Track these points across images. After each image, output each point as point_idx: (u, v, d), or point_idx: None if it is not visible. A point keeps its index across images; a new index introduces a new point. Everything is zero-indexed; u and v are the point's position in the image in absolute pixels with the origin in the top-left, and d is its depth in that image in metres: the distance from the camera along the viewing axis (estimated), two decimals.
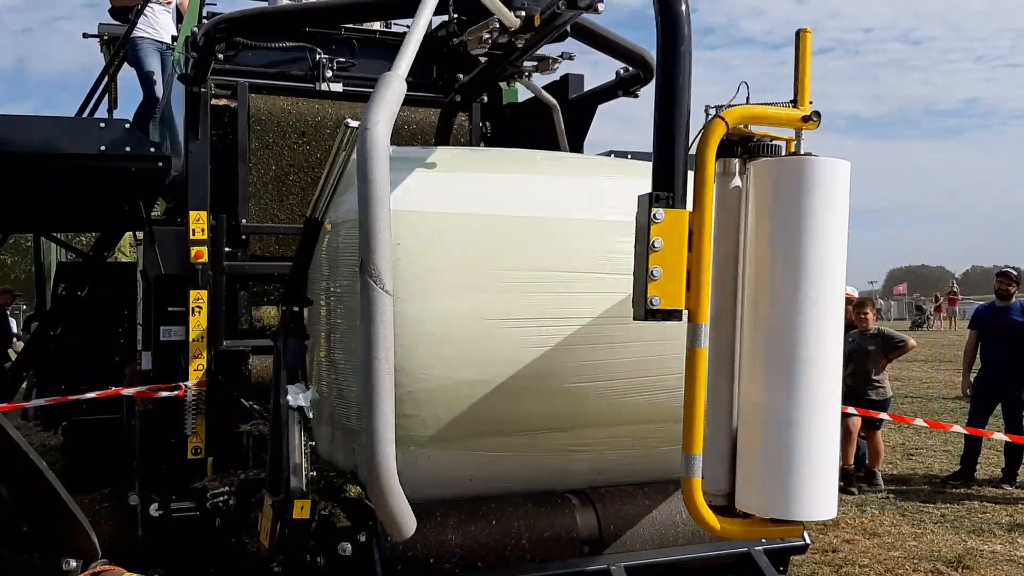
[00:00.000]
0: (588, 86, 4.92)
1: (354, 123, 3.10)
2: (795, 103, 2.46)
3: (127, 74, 7.32)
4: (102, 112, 6.99)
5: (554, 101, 4.33)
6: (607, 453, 3.09)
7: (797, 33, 2.53)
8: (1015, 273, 9.22)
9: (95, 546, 1.46)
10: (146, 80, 6.82)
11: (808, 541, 3.18)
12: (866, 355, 8.93)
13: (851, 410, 8.21)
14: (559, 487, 3.08)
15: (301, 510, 2.57)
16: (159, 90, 6.51)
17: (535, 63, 3.72)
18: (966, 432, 9.25)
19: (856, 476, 9.08)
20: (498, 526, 2.86)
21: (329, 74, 5.24)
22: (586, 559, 2.96)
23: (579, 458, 3.06)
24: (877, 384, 9.03)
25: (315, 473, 2.72)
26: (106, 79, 7.02)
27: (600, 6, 2.94)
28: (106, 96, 7.15)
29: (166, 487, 4.08)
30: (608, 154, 5.05)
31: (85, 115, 6.77)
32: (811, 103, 2.46)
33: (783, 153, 2.49)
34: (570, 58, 3.93)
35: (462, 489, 2.92)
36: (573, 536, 2.96)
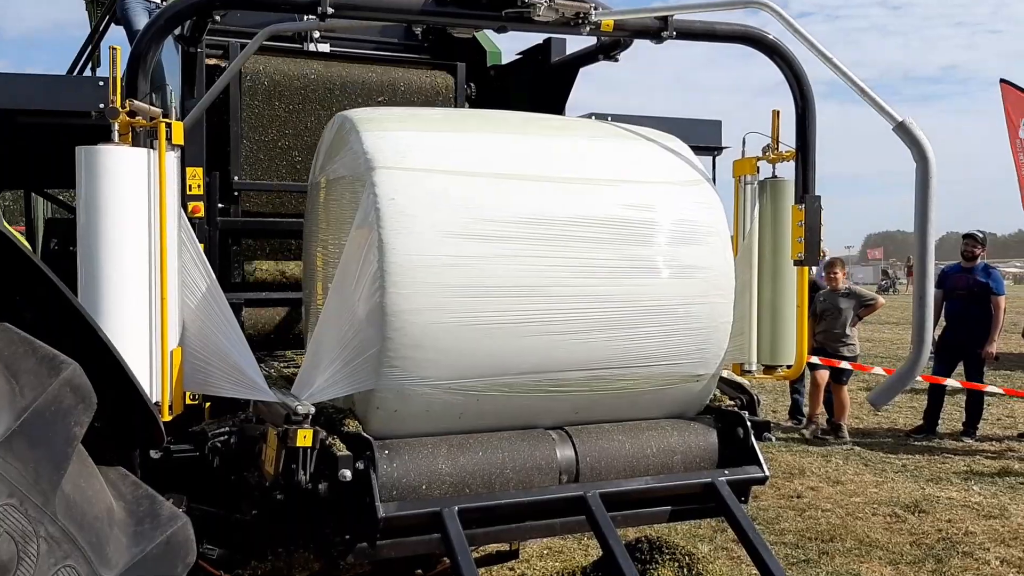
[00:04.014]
0: (570, 50, 5.08)
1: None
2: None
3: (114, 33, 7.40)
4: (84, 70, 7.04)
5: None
6: (585, 394, 3.33)
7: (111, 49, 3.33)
8: (981, 236, 9.55)
9: (162, 433, 1.56)
10: (135, 38, 6.89)
11: (767, 473, 3.45)
12: (837, 313, 9.27)
13: (815, 360, 8.55)
14: (541, 424, 3.33)
15: (304, 438, 2.80)
16: None
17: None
18: (928, 383, 9.61)
19: (822, 429, 9.45)
20: (484, 457, 3.11)
21: (317, 35, 5.37)
22: (564, 487, 3.21)
23: (559, 398, 3.29)
24: (848, 341, 9.36)
25: (314, 408, 2.94)
26: (94, 38, 7.07)
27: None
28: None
29: (165, 431, 4.27)
30: (589, 116, 5.24)
31: (75, 73, 6.84)
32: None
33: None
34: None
35: (452, 425, 3.15)
36: (552, 467, 3.21)
